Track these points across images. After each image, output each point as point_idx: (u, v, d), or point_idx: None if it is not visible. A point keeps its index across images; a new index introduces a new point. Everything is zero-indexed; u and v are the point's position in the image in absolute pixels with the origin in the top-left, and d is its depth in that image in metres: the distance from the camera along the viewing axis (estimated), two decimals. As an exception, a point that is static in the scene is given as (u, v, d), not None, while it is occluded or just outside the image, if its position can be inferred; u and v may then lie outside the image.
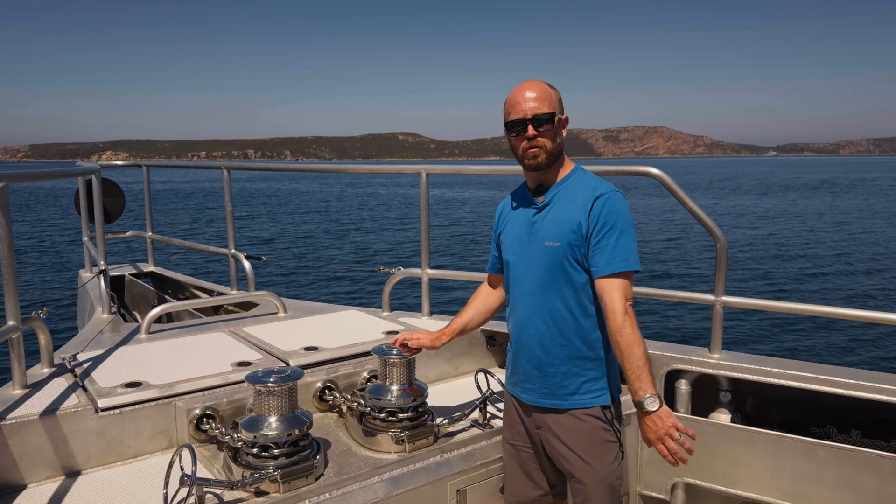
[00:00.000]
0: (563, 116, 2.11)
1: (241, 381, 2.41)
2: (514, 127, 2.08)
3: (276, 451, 1.99)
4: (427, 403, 2.41)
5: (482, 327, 3.21)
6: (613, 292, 1.97)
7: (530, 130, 2.05)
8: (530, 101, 2.05)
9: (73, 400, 2.22)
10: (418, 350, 2.40)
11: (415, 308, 3.62)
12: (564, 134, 2.13)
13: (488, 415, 2.52)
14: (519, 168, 2.19)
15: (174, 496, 1.85)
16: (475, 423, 2.50)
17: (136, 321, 4.06)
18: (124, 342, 2.94)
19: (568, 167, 2.17)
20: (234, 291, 4.30)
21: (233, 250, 4.29)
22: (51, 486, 2.03)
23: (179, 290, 5.15)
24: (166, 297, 5.08)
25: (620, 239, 1.99)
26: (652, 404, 1.91)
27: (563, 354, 2.09)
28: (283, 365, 2.57)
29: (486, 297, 2.46)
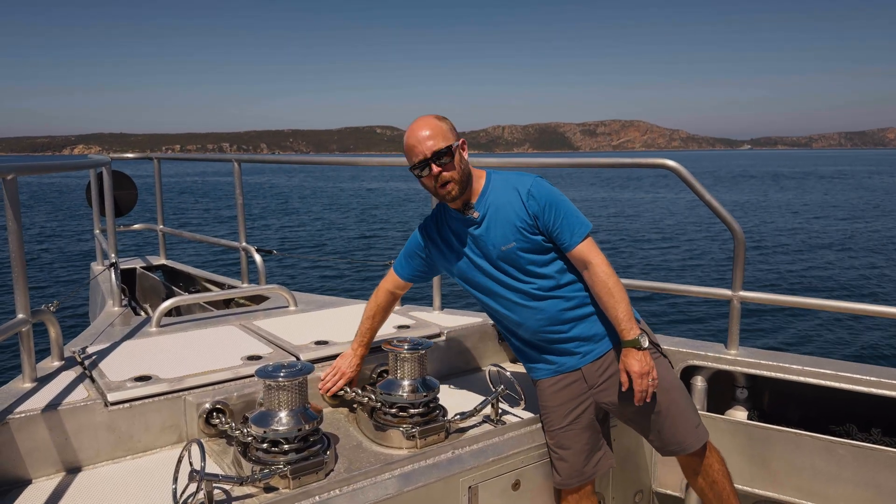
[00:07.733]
0: (461, 142, 2.24)
1: (252, 376, 2.39)
2: (419, 168, 2.20)
3: (286, 447, 1.97)
4: (438, 399, 2.39)
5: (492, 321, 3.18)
6: (590, 254, 2.19)
7: (434, 168, 2.17)
8: (425, 140, 2.16)
9: (82, 393, 2.21)
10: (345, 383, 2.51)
11: (426, 301, 3.59)
12: (466, 156, 2.26)
13: (500, 410, 2.49)
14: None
15: (183, 491, 1.84)
16: (487, 419, 2.47)
17: (147, 314, 4.05)
18: (134, 335, 2.93)
19: (481, 177, 2.32)
20: (244, 285, 4.30)
21: (243, 243, 4.28)
22: (59, 480, 2.02)
23: (190, 284, 5.15)
24: (177, 290, 5.08)
25: (568, 212, 2.20)
26: (645, 341, 2.15)
27: (573, 322, 2.27)
28: (294, 359, 2.55)
29: (386, 307, 2.58)
